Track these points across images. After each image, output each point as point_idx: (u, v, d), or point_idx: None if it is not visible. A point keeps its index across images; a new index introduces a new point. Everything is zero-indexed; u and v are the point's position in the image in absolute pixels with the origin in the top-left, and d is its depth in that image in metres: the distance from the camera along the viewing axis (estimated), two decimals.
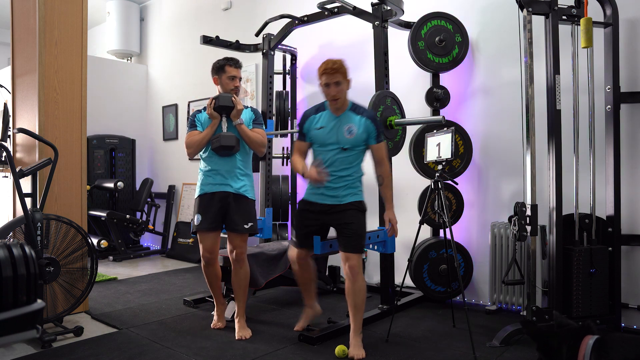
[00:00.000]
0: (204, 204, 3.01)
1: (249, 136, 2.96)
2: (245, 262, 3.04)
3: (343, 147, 2.68)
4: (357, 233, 2.67)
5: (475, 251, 3.74)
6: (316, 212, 2.77)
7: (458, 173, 3.63)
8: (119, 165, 6.12)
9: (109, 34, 6.73)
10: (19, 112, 3.49)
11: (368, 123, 2.69)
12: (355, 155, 2.71)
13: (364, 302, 2.69)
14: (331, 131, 2.70)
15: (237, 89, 3.06)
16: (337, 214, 2.71)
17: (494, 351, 2.72)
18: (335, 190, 2.71)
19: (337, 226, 2.73)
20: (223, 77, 3.04)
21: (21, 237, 2.90)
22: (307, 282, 3.00)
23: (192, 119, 3.07)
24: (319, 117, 2.76)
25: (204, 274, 3.10)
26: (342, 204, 2.71)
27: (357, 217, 2.70)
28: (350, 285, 2.64)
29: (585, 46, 2.80)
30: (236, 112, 2.93)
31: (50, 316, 3.02)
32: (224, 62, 3.05)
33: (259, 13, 5.18)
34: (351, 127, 2.68)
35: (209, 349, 2.79)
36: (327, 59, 2.69)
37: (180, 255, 5.70)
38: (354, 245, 2.65)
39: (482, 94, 3.76)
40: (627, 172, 3.07)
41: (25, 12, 3.43)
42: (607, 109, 3.00)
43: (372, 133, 2.70)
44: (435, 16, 3.66)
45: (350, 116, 2.71)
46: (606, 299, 2.90)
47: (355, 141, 2.68)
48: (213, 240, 3.03)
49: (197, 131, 3.02)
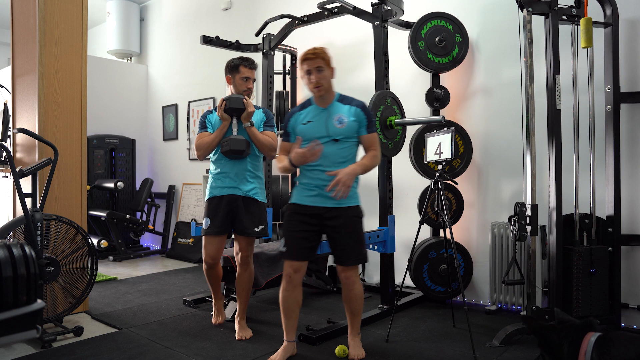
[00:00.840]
0: (213, 207, 2.96)
1: (258, 139, 2.90)
2: (251, 265, 3.01)
3: (334, 139, 2.47)
4: (355, 245, 2.51)
5: (475, 251, 3.73)
6: (311, 216, 2.50)
7: (458, 173, 3.63)
8: (119, 165, 6.12)
9: (109, 34, 6.73)
10: (19, 112, 3.49)
11: (358, 111, 2.50)
12: (348, 147, 2.51)
13: (361, 307, 2.64)
14: (319, 124, 2.51)
15: (250, 91, 2.98)
16: (333, 220, 2.48)
17: (494, 351, 2.72)
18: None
19: (334, 235, 2.51)
20: (237, 78, 2.96)
21: (21, 237, 2.89)
22: (294, 308, 2.57)
23: (202, 119, 3.01)
24: (304, 112, 2.58)
25: (205, 274, 3.10)
26: (339, 207, 2.48)
27: (355, 227, 2.52)
28: (347, 292, 2.58)
29: (585, 46, 2.79)
30: (247, 115, 2.86)
31: (50, 316, 3.02)
32: (238, 62, 2.96)
33: (259, 13, 5.18)
34: (341, 116, 2.49)
35: (209, 349, 2.78)
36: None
37: (180, 255, 5.70)
38: (351, 258, 2.51)
39: (482, 94, 3.75)
40: (627, 172, 3.07)
41: (25, 12, 3.43)
42: (607, 109, 3.00)
43: (362, 121, 2.51)
44: (435, 16, 3.66)
45: (339, 106, 2.53)
46: (606, 299, 2.90)
47: (347, 131, 2.48)
48: (217, 246, 2.99)
49: (207, 133, 2.95)
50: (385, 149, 3.22)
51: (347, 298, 2.60)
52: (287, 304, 2.55)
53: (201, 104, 5.90)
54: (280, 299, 2.56)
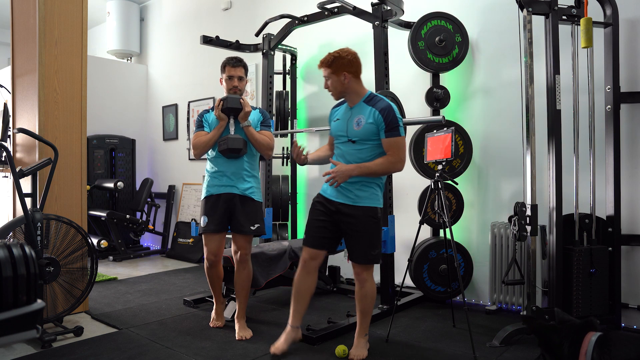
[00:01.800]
0: (210, 205, 2.98)
1: (256, 139, 2.93)
2: (248, 263, 3.03)
3: (351, 139, 2.53)
4: (366, 245, 2.53)
5: (475, 251, 3.73)
6: (330, 209, 2.58)
7: (458, 173, 3.63)
8: (119, 165, 6.11)
9: (109, 34, 6.72)
10: (19, 112, 3.49)
11: (377, 115, 2.47)
12: (367, 150, 2.50)
13: (371, 307, 2.64)
14: (343, 123, 2.59)
15: (238, 89, 2.99)
16: (349, 217, 2.52)
17: (494, 351, 2.72)
18: (349, 186, 2.52)
19: (347, 231, 2.56)
20: (224, 76, 3.01)
21: (21, 237, 2.89)
22: (304, 294, 2.65)
23: (199, 118, 3.04)
24: (339, 110, 2.68)
25: (206, 274, 3.10)
26: (355, 205, 2.52)
27: (367, 227, 2.53)
28: (357, 290, 2.62)
29: (585, 46, 2.79)
30: (244, 114, 2.89)
31: (50, 316, 3.02)
32: (224, 62, 3.02)
33: (259, 13, 5.18)
34: (360, 118, 2.51)
35: (209, 349, 2.78)
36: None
37: (180, 255, 5.69)
38: (363, 256, 2.54)
39: (482, 94, 3.75)
40: (627, 172, 3.07)
41: (25, 12, 3.43)
42: (607, 109, 3.00)
43: (380, 125, 2.46)
44: (435, 16, 3.66)
45: (363, 107, 2.54)
46: (606, 299, 2.90)
47: (363, 133, 2.49)
48: (218, 243, 3.02)
49: (204, 132, 2.98)
50: None
51: (357, 295, 2.63)
52: (298, 288, 2.65)
53: (201, 104, 5.90)
54: (293, 283, 2.67)
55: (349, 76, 2.54)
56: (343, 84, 2.54)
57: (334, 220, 2.59)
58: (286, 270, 3.62)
